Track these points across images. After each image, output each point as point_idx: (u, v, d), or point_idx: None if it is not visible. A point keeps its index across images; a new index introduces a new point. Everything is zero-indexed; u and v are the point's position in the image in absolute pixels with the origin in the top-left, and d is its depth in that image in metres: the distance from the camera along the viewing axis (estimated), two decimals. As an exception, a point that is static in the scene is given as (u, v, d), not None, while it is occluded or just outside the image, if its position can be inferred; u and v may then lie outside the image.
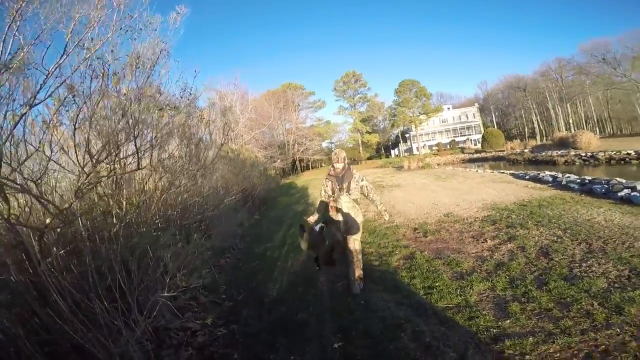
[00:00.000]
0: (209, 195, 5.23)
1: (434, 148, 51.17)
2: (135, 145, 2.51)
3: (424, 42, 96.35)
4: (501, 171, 15.48)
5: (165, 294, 2.89)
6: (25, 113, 1.85)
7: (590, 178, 8.69)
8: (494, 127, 51.43)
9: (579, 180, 8.72)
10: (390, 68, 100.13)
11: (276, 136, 39.67)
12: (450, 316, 2.96)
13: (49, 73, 1.90)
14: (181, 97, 3.53)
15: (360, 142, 54.65)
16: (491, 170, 16.63)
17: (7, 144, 1.99)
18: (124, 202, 3.37)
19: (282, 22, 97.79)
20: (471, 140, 52.11)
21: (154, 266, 3.00)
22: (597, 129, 42.27)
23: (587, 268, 3.49)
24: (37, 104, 1.90)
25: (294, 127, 43.25)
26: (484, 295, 3.30)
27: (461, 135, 54.30)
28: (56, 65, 1.92)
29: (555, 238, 4.51)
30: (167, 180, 3.70)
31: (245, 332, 3.22)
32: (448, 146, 50.32)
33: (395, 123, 53.58)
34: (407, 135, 58.40)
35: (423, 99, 50.62)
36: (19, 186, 1.83)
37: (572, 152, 21.16)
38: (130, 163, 2.78)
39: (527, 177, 11.59)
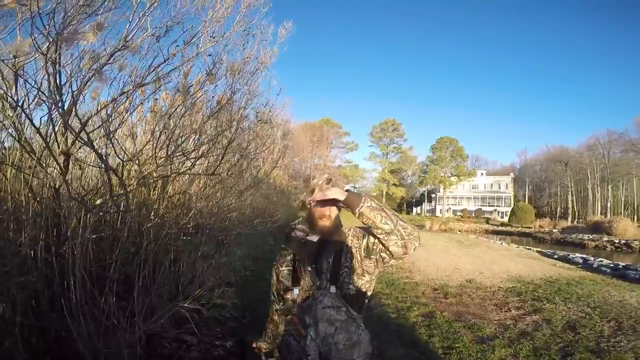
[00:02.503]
0: (244, 213, 5.34)
1: (458, 213, 49.79)
2: (225, 150, 2.66)
3: (468, 101, 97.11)
4: (527, 247, 14.93)
5: (187, 305, 2.86)
6: (128, 91, 1.98)
7: (624, 264, 8.75)
8: (525, 200, 49.90)
9: (612, 265, 8.72)
10: (427, 122, 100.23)
11: (304, 169, 40.44)
12: None
13: (168, 57, 2.01)
14: (257, 113, 3.74)
15: (384, 192, 54.41)
16: (516, 245, 16.08)
17: (98, 117, 2.16)
18: (167, 200, 3.51)
19: (333, 58, 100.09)
20: (499, 212, 50.43)
21: (185, 272, 3.02)
22: (635, 215, 39.80)
23: (616, 343, 3.56)
24: (142, 86, 2.05)
25: (322, 163, 44.00)
26: (505, 360, 3.28)
27: (489, 205, 52.78)
28: (179, 51, 2.02)
29: (583, 314, 4.56)
30: (212, 190, 3.82)
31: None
32: (474, 214, 48.84)
33: (424, 180, 52.97)
34: (433, 195, 57.50)
35: (458, 160, 50.13)
36: (108, 165, 1.98)
37: (605, 238, 20.35)
38: (198, 165, 2.91)
39: (556, 256, 11.51)
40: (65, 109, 1.77)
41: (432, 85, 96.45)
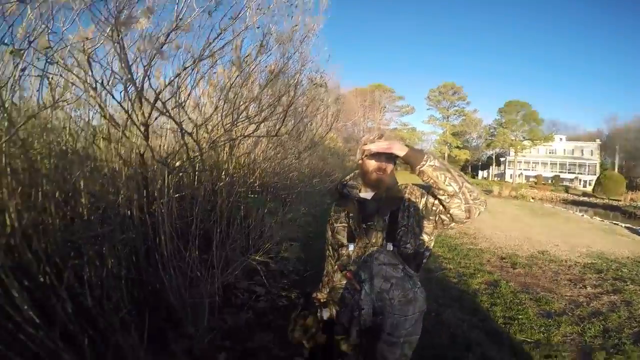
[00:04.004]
0: (303, 173, 5.56)
1: (531, 179, 45.21)
2: (286, 111, 2.75)
3: (542, 61, 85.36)
4: (614, 222, 13.16)
5: (257, 258, 3.13)
6: (188, 67, 2.12)
7: None
8: (615, 170, 43.31)
9: None
10: (495, 85, 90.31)
11: (357, 132, 39.97)
12: (525, 350, 2.80)
13: (220, 32, 2.13)
14: (310, 79, 3.80)
15: (446, 155, 51.61)
16: (601, 219, 14.26)
17: (167, 91, 2.34)
18: (234, 162, 3.77)
19: (382, 21, 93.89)
20: (581, 180, 44.53)
21: (255, 227, 3.25)
22: None
23: None
24: (201, 60, 2.15)
25: (376, 126, 42.85)
26: (569, 337, 3.08)
27: (569, 172, 46.69)
28: (230, 25, 2.13)
29: (677, 301, 3.97)
30: (274, 152, 3.99)
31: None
32: (550, 181, 43.90)
33: (492, 143, 49.05)
34: (502, 159, 52.97)
35: (532, 124, 44.98)
36: (184, 129, 2.15)
37: None
38: (258, 129, 3.05)
39: (652, 234, 9.82)
40: (137, 84, 1.91)
41: (497, 46, 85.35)
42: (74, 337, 1.22)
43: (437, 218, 1.38)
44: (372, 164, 1.41)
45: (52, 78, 1.51)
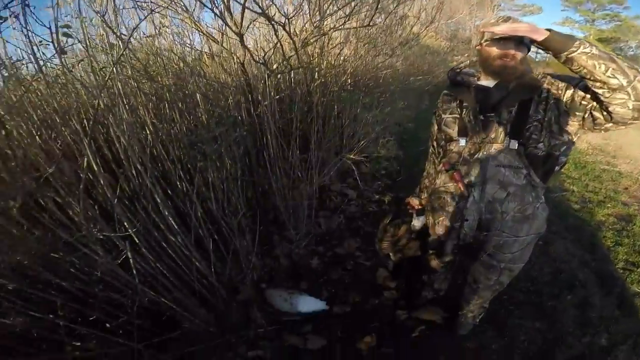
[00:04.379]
0: (397, 70, 5.16)
1: None
2: (378, 2, 2.38)
3: None
4: None
5: (352, 157, 3.15)
6: None
7: None
8: None
9: None
10: None
11: (462, 31, 33.89)
12: (635, 304, 2.37)
13: None
14: None
15: (590, 64, 41.81)
16: None
17: None
18: (325, 62, 3.59)
19: None
20: None
21: (349, 125, 3.20)
22: None
23: None
24: None
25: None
26: (694, 301, 2.53)
27: None
28: None
29: None
30: (364, 49, 3.67)
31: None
32: None
33: None
34: (670, 70, 40.33)
35: None
36: (279, 22, 2.02)
37: None
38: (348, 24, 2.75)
39: None
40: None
41: None
42: (201, 243, 1.40)
43: (586, 115, 1.06)
44: (495, 51, 1.11)
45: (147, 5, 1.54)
